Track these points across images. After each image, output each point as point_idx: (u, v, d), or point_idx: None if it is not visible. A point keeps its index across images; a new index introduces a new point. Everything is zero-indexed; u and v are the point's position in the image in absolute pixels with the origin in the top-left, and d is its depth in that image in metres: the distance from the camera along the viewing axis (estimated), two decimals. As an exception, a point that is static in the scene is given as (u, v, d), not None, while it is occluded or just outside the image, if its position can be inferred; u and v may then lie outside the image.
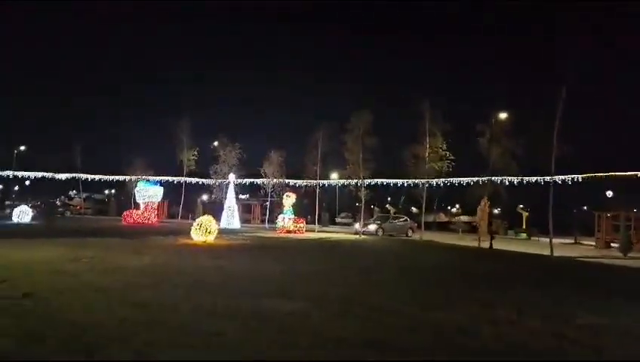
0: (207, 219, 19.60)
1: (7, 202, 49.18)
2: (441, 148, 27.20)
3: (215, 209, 51.21)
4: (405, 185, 42.03)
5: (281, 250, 18.26)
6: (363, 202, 31.50)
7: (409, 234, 34.07)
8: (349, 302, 8.17)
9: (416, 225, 36.56)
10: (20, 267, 10.14)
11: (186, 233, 23.56)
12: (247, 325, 6.17)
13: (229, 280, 9.86)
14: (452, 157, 27.30)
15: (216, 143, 42.24)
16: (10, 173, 52.96)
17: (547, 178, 27.14)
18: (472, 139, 26.79)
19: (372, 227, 32.46)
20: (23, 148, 53.60)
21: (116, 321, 6.09)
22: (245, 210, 48.86)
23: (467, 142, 27.76)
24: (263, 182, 38.61)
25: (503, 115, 25.38)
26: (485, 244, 24.93)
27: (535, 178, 37.82)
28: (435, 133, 27.04)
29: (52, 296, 7.34)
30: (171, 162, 45.21)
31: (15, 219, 29.43)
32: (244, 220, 39.64)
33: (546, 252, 21.40)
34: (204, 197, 53.98)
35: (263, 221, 46.69)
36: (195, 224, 19.58)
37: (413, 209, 60.14)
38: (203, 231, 19.19)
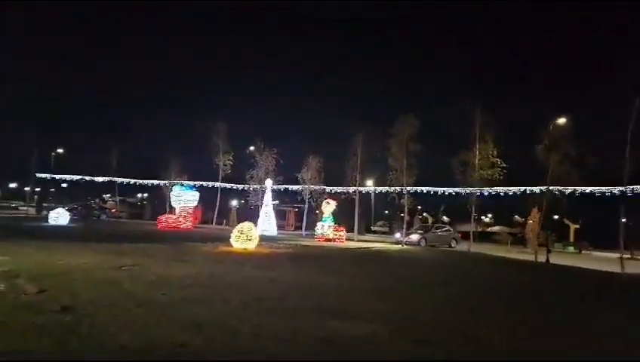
0: (247, 226, 18.80)
1: (44, 204, 49.87)
2: (492, 154, 25.72)
3: (248, 214, 50.94)
4: (448, 193, 40.52)
5: (328, 259, 17.29)
6: (406, 210, 30.27)
7: (452, 245, 32.64)
8: (427, 325, 7.12)
9: (459, 235, 35.13)
10: (59, 274, 9.47)
11: (224, 239, 22.97)
12: (317, 353, 5.22)
13: (283, 295, 8.93)
14: (504, 165, 25.78)
15: (252, 148, 41.74)
16: (47, 175, 53.84)
17: (616, 189, 25.35)
18: (525, 146, 25.32)
19: (414, 237, 31.18)
20: (60, 150, 54.46)
21: (169, 345, 5.23)
22: (279, 216, 48.14)
23: (520, 149, 26.17)
24: (300, 188, 37.80)
25: (561, 121, 23.82)
26: (540, 258, 23.38)
27: (595, 188, 35.75)
28: (487, 138, 25.61)
29: (95, 312, 6.55)
30: (206, 166, 45.00)
31: (52, 222, 29.46)
32: (277, 226, 38.80)
33: (613, 268, 19.77)
34: (234, 202, 53.70)
35: (297, 227, 45.88)
36: (235, 231, 18.82)
37: (445, 218, 58.37)
38: (244, 238, 18.41)
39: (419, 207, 47.19)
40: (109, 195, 61.49)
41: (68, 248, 14.52)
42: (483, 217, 72.52)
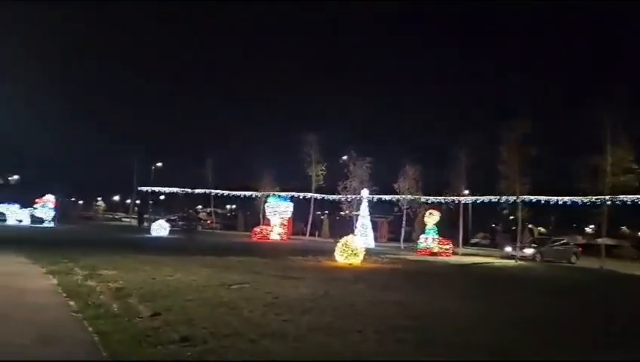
0: (352, 240, 17.69)
1: (145, 215, 52.26)
2: (629, 159, 22.41)
3: (340, 225, 50.02)
4: (563, 203, 36.86)
5: (445, 277, 15.72)
6: (520, 222, 27.63)
7: (573, 261, 29.35)
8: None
9: (580, 250, 31.67)
10: (170, 294, 8.84)
11: (324, 253, 22.10)
12: None
13: (420, 324, 7.59)
14: (640, 170, 22.39)
15: (345, 158, 40.78)
16: (148, 188, 56.61)
17: None
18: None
19: (529, 251, 28.38)
20: (159, 164, 57.08)
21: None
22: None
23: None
24: (397, 199, 36.15)
25: None
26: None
27: None
28: (621, 141, 22.39)
29: (218, 345, 5.64)
30: (299, 177, 44.73)
31: (154, 233, 30.30)
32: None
33: None
34: (326, 213, 53.10)
35: (389, 239, 44.18)
36: (340, 245, 17.78)
37: (541, 229, 53.60)
38: (349, 252, 17.30)
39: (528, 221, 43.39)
40: (200, 206, 63.52)
41: (173, 262, 14.19)
42: (587, 228, 65.95)
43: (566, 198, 35.49)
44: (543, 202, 35.53)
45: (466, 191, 40.34)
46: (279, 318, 7.33)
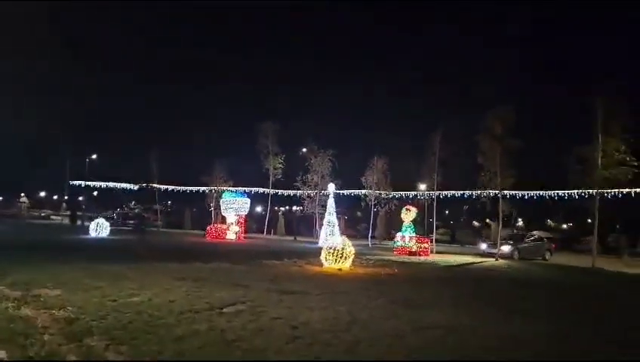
0: (342, 241, 15.57)
1: (78, 213, 47.77)
2: (619, 151, 21.49)
3: (298, 223, 47.69)
4: (549, 197, 36.46)
5: (457, 284, 13.96)
6: (500, 218, 26.44)
7: (547, 257, 28.78)
8: None
9: (553, 246, 31.21)
10: (147, 327, 6.38)
11: (297, 254, 20.08)
12: None
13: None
14: (634, 163, 21.59)
15: (304, 150, 38.52)
16: (81, 182, 51.86)
17: None
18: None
19: (506, 248, 27.37)
20: (94, 156, 52.43)
21: None
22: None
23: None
24: (364, 193, 34.26)
25: None
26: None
27: None
28: (612, 131, 21.40)
29: None
30: (254, 171, 42.04)
31: (93, 234, 26.84)
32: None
33: None
34: (281, 210, 50.78)
35: (349, 236, 42.48)
36: (326, 247, 15.63)
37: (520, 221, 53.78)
38: (337, 256, 15.16)
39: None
40: (133, 203, 58.77)
41: (133, 273, 11.47)
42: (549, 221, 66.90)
43: (547, 192, 35.08)
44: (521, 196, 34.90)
45: (422, 186, 39.21)
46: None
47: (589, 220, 60.72)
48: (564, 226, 64.09)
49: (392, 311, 8.56)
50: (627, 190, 28.58)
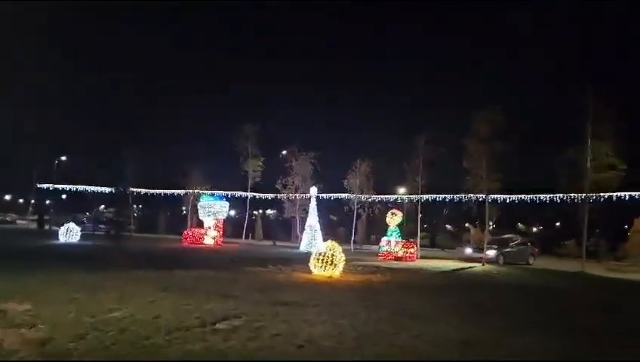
0: (332, 247, 14.91)
1: (46, 217, 46.04)
2: (608, 154, 21.35)
3: (277, 227, 46.90)
4: (531, 200, 36.49)
5: (453, 292, 13.41)
6: (487, 222, 26.17)
7: (530, 262, 28.67)
8: None
9: (536, 250, 31.17)
10: (132, 348, 5.63)
11: (282, 260, 19.29)
12: None
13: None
14: (623, 167, 21.52)
15: (284, 152, 37.74)
16: (49, 185, 49.90)
17: None
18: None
19: (491, 253, 27.09)
20: (63, 158, 50.45)
21: None
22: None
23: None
24: (347, 197, 33.71)
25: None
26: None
27: None
28: (601, 134, 21.26)
29: None
30: (232, 174, 40.98)
31: (62, 239, 25.62)
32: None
33: None
34: (260, 213, 49.78)
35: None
36: (316, 253, 14.97)
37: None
38: (327, 262, 14.50)
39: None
40: (102, 206, 56.77)
41: (110, 283, 10.59)
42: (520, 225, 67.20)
43: (537, 195, 35.13)
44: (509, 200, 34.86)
45: (402, 190, 38.98)
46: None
47: (557, 223, 61.12)
48: (534, 229, 64.54)
49: (397, 323, 7.93)
50: (609, 194, 28.55)
